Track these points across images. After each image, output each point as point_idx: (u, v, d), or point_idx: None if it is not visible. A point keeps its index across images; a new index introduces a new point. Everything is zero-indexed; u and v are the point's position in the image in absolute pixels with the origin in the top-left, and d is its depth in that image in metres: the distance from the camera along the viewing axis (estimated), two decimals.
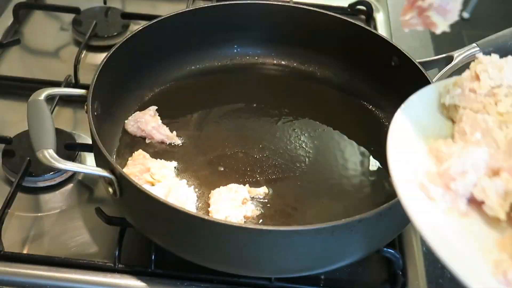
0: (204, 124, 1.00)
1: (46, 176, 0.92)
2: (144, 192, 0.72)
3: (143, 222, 0.80)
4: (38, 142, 0.77)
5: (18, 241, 0.85)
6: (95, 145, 0.79)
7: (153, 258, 0.81)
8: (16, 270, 0.80)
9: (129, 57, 0.96)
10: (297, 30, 1.09)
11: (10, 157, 0.93)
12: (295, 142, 0.97)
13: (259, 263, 0.76)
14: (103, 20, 1.23)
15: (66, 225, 0.88)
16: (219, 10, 1.07)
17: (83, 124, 1.02)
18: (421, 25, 0.62)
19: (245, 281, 0.81)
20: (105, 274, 0.81)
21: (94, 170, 0.77)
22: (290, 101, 1.05)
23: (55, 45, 1.21)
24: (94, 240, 0.86)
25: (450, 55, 0.95)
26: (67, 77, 1.07)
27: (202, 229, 0.72)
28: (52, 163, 0.75)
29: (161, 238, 0.79)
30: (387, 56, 1.00)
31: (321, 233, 0.70)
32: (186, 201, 0.83)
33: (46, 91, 0.85)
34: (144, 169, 0.86)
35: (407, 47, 0.99)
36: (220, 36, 1.09)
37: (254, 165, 0.93)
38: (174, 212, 0.70)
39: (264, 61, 1.13)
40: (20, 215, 0.88)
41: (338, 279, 0.83)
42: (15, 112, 1.04)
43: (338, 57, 1.08)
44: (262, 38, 1.11)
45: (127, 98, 1.00)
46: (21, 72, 1.11)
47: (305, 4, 1.13)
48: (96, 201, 0.91)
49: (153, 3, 1.34)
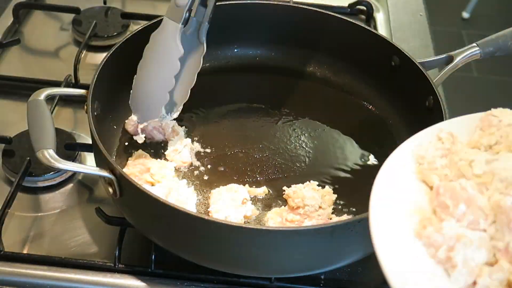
0: (204, 124, 1.00)
1: (46, 176, 0.92)
2: (144, 192, 0.72)
3: (143, 222, 0.80)
4: (38, 142, 0.77)
5: (18, 241, 0.85)
6: (95, 145, 0.79)
7: (153, 258, 0.80)
8: (16, 270, 0.80)
9: (129, 57, 0.96)
10: (297, 30, 1.08)
11: (10, 157, 0.93)
12: (295, 142, 0.97)
13: (259, 263, 0.76)
14: (103, 20, 1.23)
15: (66, 225, 0.88)
16: (219, 10, 1.07)
17: (83, 124, 1.02)
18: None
19: (245, 281, 0.81)
20: (105, 274, 0.81)
21: (94, 170, 0.77)
22: (290, 101, 1.05)
23: (55, 45, 1.21)
24: (94, 240, 0.86)
25: (450, 55, 0.95)
26: (67, 77, 1.07)
27: (202, 229, 0.72)
28: (52, 163, 0.75)
29: (161, 238, 0.79)
30: (387, 56, 1.00)
31: (321, 233, 0.70)
32: (186, 201, 0.83)
33: (46, 91, 0.85)
34: (144, 169, 0.86)
35: (407, 47, 0.99)
36: (220, 36, 1.09)
37: (254, 165, 0.93)
38: (174, 212, 0.71)
39: (264, 61, 1.13)
40: (20, 215, 0.88)
41: (338, 279, 0.83)
42: (15, 112, 1.04)
43: (338, 57, 1.08)
44: (262, 38, 1.11)
45: (127, 98, 1.00)
46: (21, 72, 1.11)
47: (305, 4, 1.13)
48: (96, 201, 0.91)
49: (153, 3, 1.34)
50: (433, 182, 0.58)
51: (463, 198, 0.53)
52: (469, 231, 0.52)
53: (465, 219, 0.53)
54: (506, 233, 0.51)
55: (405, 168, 0.60)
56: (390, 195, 0.56)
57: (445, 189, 0.55)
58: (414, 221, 0.54)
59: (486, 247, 0.52)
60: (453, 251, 0.51)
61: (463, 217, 0.53)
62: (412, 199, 0.57)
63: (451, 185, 0.55)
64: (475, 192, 0.54)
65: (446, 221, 0.53)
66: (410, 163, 0.61)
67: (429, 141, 0.62)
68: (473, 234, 0.52)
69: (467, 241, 0.51)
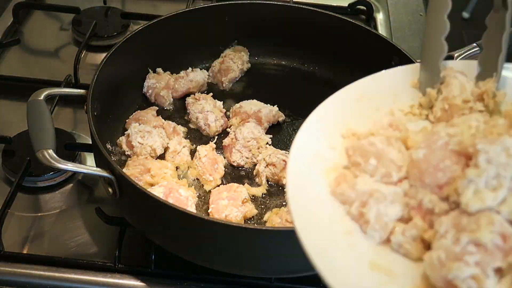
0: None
1: (46, 176, 0.92)
2: (144, 193, 0.72)
3: (143, 222, 0.80)
4: (38, 142, 0.77)
5: (18, 241, 0.85)
6: (95, 145, 0.79)
7: (153, 258, 0.80)
8: (16, 270, 0.80)
9: (129, 57, 0.96)
10: (297, 30, 1.08)
11: (10, 157, 0.93)
12: None
13: (259, 263, 0.76)
14: (103, 20, 1.23)
15: (66, 225, 0.88)
16: (219, 10, 1.07)
17: (83, 124, 1.02)
18: None
19: (245, 281, 0.81)
20: (105, 274, 0.81)
21: (94, 170, 0.77)
22: (290, 101, 1.05)
23: (55, 45, 1.21)
24: (94, 240, 0.86)
25: (450, 55, 0.94)
26: (67, 77, 1.07)
27: (202, 229, 0.72)
28: (52, 163, 0.75)
29: (161, 238, 0.79)
30: (387, 56, 1.00)
31: None
32: (186, 201, 0.83)
33: (46, 91, 0.85)
34: (144, 170, 0.86)
35: (407, 47, 0.99)
36: (220, 36, 1.09)
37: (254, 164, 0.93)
38: (174, 212, 0.71)
39: (264, 61, 1.13)
40: (20, 215, 0.88)
41: None
42: (15, 112, 1.04)
43: (338, 57, 1.08)
44: (262, 38, 1.11)
45: (127, 98, 1.00)
46: (21, 72, 1.11)
47: (305, 4, 1.14)
48: (96, 201, 0.91)
49: (153, 3, 1.34)
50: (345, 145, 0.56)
51: (373, 153, 0.53)
52: (383, 186, 0.51)
53: (378, 173, 0.52)
54: (419, 189, 0.50)
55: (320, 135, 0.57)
56: (307, 159, 0.54)
57: (354, 149, 0.54)
58: (331, 178, 0.53)
59: (400, 202, 0.51)
60: (365, 207, 0.50)
61: (375, 171, 0.52)
62: (329, 158, 0.55)
63: (359, 144, 0.54)
64: (384, 146, 0.53)
65: (360, 177, 0.52)
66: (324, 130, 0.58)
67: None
68: (387, 189, 0.51)
69: (380, 195, 0.50)
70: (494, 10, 0.58)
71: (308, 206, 0.51)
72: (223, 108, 1.00)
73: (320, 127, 0.57)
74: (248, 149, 0.93)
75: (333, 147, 0.56)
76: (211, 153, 0.92)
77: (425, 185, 0.50)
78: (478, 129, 0.51)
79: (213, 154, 0.92)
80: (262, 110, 0.98)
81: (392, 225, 0.50)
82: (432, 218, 0.49)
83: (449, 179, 0.49)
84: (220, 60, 1.09)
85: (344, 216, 0.51)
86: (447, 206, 0.49)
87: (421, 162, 0.51)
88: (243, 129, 0.94)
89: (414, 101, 0.60)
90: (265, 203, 0.88)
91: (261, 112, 0.98)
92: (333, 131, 0.57)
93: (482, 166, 0.47)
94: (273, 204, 0.87)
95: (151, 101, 1.02)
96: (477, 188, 0.47)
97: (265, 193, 0.89)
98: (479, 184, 0.47)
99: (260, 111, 0.98)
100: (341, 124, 0.58)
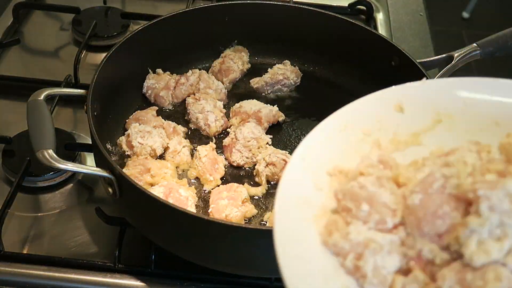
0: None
1: (46, 176, 0.92)
2: (144, 192, 0.72)
3: (143, 222, 0.80)
4: (38, 142, 0.77)
5: (18, 241, 0.85)
6: (95, 145, 0.79)
7: (153, 258, 0.80)
8: (16, 270, 0.80)
9: (129, 57, 0.96)
10: (297, 30, 1.09)
11: (10, 157, 0.93)
12: (295, 142, 0.97)
13: (259, 263, 0.76)
14: (103, 20, 1.23)
15: (66, 225, 0.88)
16: (219, 10, 1.07)
17: (83, 124, 1.02)
18: None
19: (245, 281, 0.81)
20: (105, 274, 0.81)
21: (94, 170, 0.77)
22: (290, 101, 1.05)
23: (55, 45, 1.21)
24: (94, 240, 0.86)
25: (450, 55, 0.95)
26: (67, 77, 1.07)
27: (202, 229, 0.72)
28: (52, 163, 0.75)
29: (161, 238, 0.79)
30: (387, 56, 1.00)
31: None
32: (186, 201, 0.83)
33: (46, 91, 0.85)
34: (144, 170, 0.86)
35: (407, 47, 0.99)
36: (220, 36, 1.09)
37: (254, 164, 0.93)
38: (174, 212, 0.71)
39: (264, 61, 1.13)
40: (20, 215, 0.88)
41: None
42: (15, 112, 1.04)
43: (338, 57, 1.08)
44: (262, 38, 1.11)
45: (127, 98, 1.00)
46: (21, 72, 1.11)
47: (305, 4, 1.13)
48: (96, 201, 0.91)
49: (153, 3, 1.34)
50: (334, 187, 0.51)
51: (364, 197, 0.48)
52: (378, 235, 0.47)
53: (371, 220, 0.48)
54: (418, 237, 0.46)
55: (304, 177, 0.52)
56: (293, 207, 0.50)
57: (343, 193, 0.49)
58: (321, 226, 0.49)
59: (398, 252, 0.47)
60: (361, 260, 0.46)
61: (368, 218, 0.48)
62: (316, 202, 0.50)
63: (348, 188, 0.49)
64: (376, 188, 0.48)
65: (353, 224, 0.48)
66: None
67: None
68: (383, 238, 0.47)
69: (376, 246, 0.46)
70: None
71: (299, 264, 0.47)
72: (223, 108, 1.00)
73: (304, 166, 0.52)
74: (248, 149, 0.93)
75: (320, 188, 0.52)
76: (211, 153, 0.92)
77: (424, 233, 0.46)
78: (474, 167, 0.47)
79: (213, 154, 0.92)
80: (262, 110, 0.98)
81: (391, 278, 0.46)
82: (433, 269, 0.46)
83: (449, 226, 0.46)
84: (220, 60, 1.09)
85: (338, 269, 0.47)
86: (449, 256, 0.46)
87: (418, 208, 0.47)
88: (243, 129, 0.94)
89: (399, 127, 0.57)
90: (265, 203, 0.88)
91: (261, 112, 0.98)
92: (319, 169, 0.53)
93: (484, 215, 0.44)
94: (273, 204, 0.87)
95: (151, 102, 1.02)
96: (480, 239, 0.43)
97: (265, 193, 0.89)
98: (482, 234, 0.43)
99: (260, 111, 0.98)
100: (326, 160, 0.53)
